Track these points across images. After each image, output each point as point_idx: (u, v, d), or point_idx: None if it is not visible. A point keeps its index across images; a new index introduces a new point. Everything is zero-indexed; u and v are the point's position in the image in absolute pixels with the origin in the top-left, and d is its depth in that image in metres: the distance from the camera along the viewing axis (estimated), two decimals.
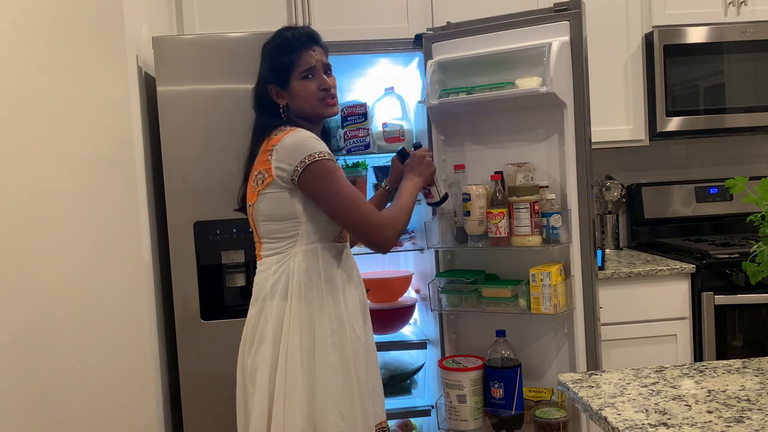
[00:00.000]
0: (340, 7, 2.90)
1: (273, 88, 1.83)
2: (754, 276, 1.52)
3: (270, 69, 1.83)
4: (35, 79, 2.14)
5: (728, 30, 3.00)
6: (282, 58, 1.81)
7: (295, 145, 1.71)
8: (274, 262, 1.77)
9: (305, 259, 1.75)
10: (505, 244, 2.31)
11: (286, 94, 1.82)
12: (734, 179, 1.52)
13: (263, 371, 1.73)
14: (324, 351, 1.73)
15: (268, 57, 1.84)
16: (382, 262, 3.05)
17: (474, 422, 2.36)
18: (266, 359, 1.73)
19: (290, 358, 1.71)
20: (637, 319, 2.77)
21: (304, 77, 1.81)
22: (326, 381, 1.72)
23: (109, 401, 2.20)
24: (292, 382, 1.70)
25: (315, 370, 1.71)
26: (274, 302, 1.75)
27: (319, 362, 1.72)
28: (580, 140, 2.27)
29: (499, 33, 2.34)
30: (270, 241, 1.79)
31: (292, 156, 1.70)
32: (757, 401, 1.24)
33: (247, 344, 1.79)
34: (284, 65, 1.80)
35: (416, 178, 2.01)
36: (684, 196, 3.34)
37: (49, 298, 2.16)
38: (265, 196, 1.75)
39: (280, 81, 1.82)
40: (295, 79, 1.81)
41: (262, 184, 1.75)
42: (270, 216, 1.77)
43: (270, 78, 1.83)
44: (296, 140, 1.72)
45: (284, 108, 1.83)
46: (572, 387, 1.40)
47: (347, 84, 2.90)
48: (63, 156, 2.16)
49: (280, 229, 1.77)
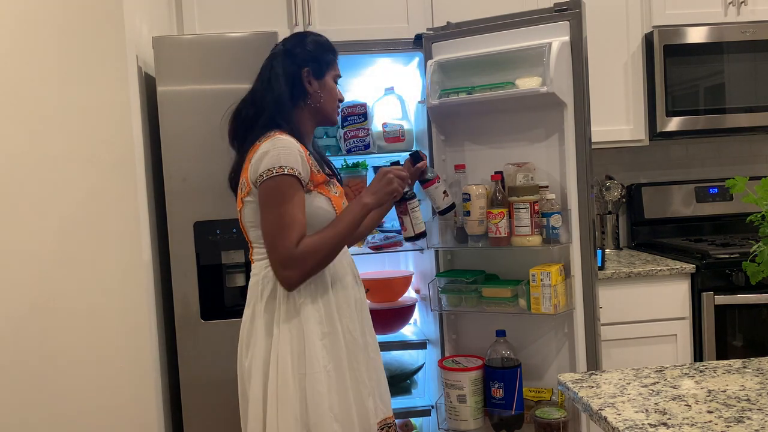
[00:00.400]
0: (340, 7, 2.90)
1: (308, 72, 1.81)
2: (754, 276, 1.52)
3: (312, 55, 1.83)
4: (35, 79, 2.14)
5: (728, 30, 3.00)
6: (327, 52, 1.85)
7: (262, 156, 1.67)
8: (262, 266, 1.76)
9: None
10: (505, 244, 2.31)
11: (317, 84, 1.83)
12: (734, 179, 1.52)
13: (256, 376, 1.73)
14: (315, 355, 1.70)
15: (312, 45, 1.84)
16: (382, 262, 3.05)
17: (474, 422, 2.36)
18: (258, 364, 1.72)
19: (281, 364, 1.69)
20: (637, 319, 2.77)
21: (336, 80, 1.88)
22: (319, 385, 1.69)
23: (109, 401, 2.20)
24: (284, 387, 1.68)
25: (306, 374, 1.69)
26: (264, 306, 1.74)
27: (311, 366, 1.70)
28: (580, 140, 2.27)
29: (499, 33, 2.34)
30: (259, 245, 1.77)
31: (257, 167, 1.68)
32: (757, 401, 1.24)
33: (243, 347, 1.79)
34: (327, 60, 1.85)
35: (367, 199, 1.76)
36: (684, 196, 3.34)
37: (49, 298, 2.16)
38: (247, 203, 1.74)
39: (316, 70, 1.83)
40: (329, 76, 1.85)
41: (243, 191, 1.75)
42: (254, 222, 1.75)
43: (309, 62, 1.82)
44: (266, 150, 1.68)
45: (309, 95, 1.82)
46: (572, 387, 1.40)
47: (347, 84, 2.90)
48: (63, 156, 2.16)
49: None
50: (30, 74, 2.14)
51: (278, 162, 1.66)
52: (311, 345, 1.71)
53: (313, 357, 1.70)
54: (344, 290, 1.81)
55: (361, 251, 2.72)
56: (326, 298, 1.76)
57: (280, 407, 1.68)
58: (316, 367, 1.70)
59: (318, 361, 1.70)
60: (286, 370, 1.69)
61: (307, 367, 1.70)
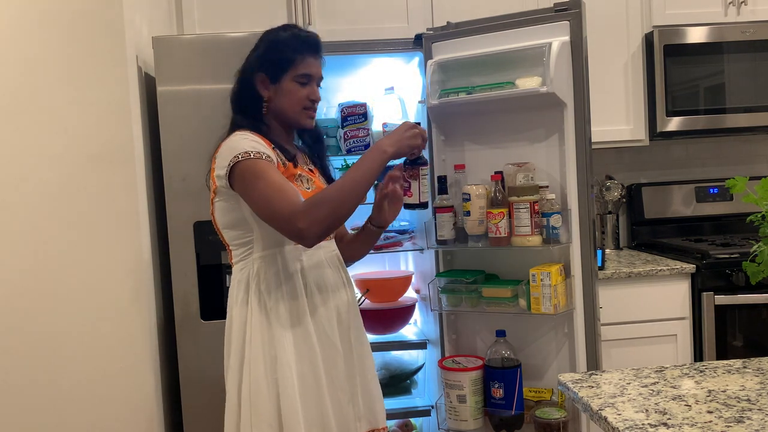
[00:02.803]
0: (340, 7, 2.90)
1: (261, 77, 1.74)
2: (754, 276, 1.52)
3: (266, 57, 1.74)
4: (35, 79, 2.14)
5: (728, 30, 3.00)
6: (285, 52, 1.73)
7: (226, 148, 1.64)
8: (238, 269, 1.73)
9: (263, 265, 1.69)
10: (505, 244, 2.31)
11: (273, 88, 1.74)
12: (734, 179, 1.52)
13: (231, 381, 1.70)
14: (287, 360, 1.65)
15: (268, 45, 1.76)
16: (382, 262, 3.05)
17: (474, 422, 2.36)
18: (234, 369, 1.69)
19: (253, 369, 1.66)
20: (637, 319, 2.77)
21: (300, 81, 1.73)
22: (291, 390, 1.64)
23: (108, 401, 2.20)
24: (257, 392, 1.64)
25: (279, 379, 1.64)
26: (237, 311, 1.71)
27: (282, 371, 1.65)
28: (580, 140, 2.27)
29: (499, 33, 2.34)
30: (233, 248, 1.74)
31: (224, 160, 1.63)
32: (757, 401, 1.24)
33: (225, 350, 1.76)
34: (284, 60, 1.72)
35: (387, 147, 1.66)
36: (684, 196, 3.34)
37: (49, 298, 2.16)
38: (216, 204, 1.71)
39: (272, 73, 1.73)
40: (288, 78, 1.73)
41: (211, 192, 1.71)
42: (224, 224, 1.72)
43: (262, 66, 1.74)
44: (228, 143, 1.65)
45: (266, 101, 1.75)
46: (572, 387, 1.40)
47: (347, 84, 2.90)
48: (63, 155, 2.16)
49: (236, 236, 1.72)
50: (30, 74, 2.14)
51: (243, 148, 1.61)
52: (283, 350, 1.66)
53: (285, 362, 1.65)
54: (322, 293, 1.74)
55: None
56: (298, 303, 1.70)
57: (254, 413, 1.64)
58: (287, 372, 1.65)
59: (290, 366, 1.65)
60: (258, 375, 1.65)
61: (279, 371, 1.65)
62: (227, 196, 1.68)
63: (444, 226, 2.37)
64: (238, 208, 1.68)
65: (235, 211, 1.69)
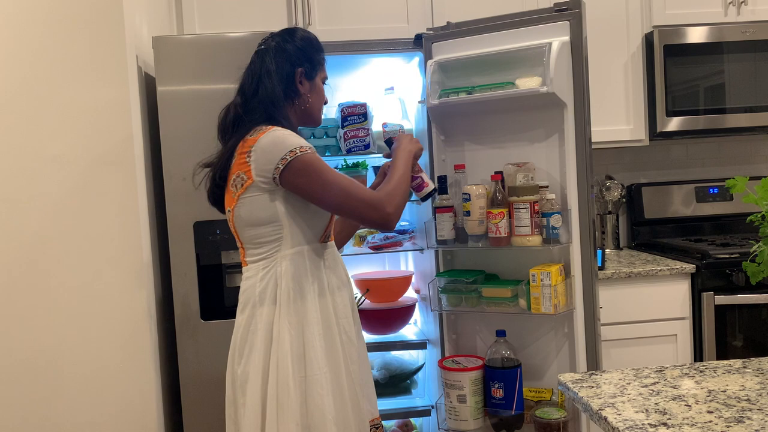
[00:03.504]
0: (340, 7, 2.90)
1: (301, 72, 1.78)
2: (754, 276, 1.52)
3: (306, 55, 1.80)
4: (35, 79, 2.14)
5: (728, 30, 3.00)
6: (319, 52, 1.83)
7: (273, 143, 1.65)
8: (260, 267, 1.72)
9: (292, 263, 1.70)
10: (505, 244, 2.31)
11: (308, 85, 1.80)
12: (734, 179, 1.52)
13: (254, 381, 1.69)
14: (315, 357, 1.68)
15: (305, 43, 1.80)
16: (381, 262, 3.05)
17: (474, 422, 2.36)
18: (257, 369, 1.68)
19: (281, 368, 1.66)
20: (637, 319, 2.77)
21: (324, 82, 1.86)
22: (319, 387, 1.67)
23: (108, 401, 2.20)
24: (285, 391, 1.65)
25: (306, 377, 1.67)
26: (263, 310, 1.70)
27: (310, 369, 1.67)
28: (580, 140, 2.27)
29: (499, 33, 2.34)
30: (254, 246, 1.74)
31: (271, 155, 1.64)
32: (757, 401, 1.24)
33: (237, 353, 1.74)
34: (318, 60, 1.83)
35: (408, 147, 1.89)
36: (684, 196, 3.34)
37: (49, 298, 2.16)
38: (245, 200, 1.69)
39: (309, 70, 1.80)
40: (318, 78, 1.83)
41: (241, 188, 1.69)
42: (251, 221, 1.71)
43: (303, 61, 1.79)
44: (274, 138, 1.66)
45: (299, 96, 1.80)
46: (572, 387, 1.40)
47: (347, 84, 2.90)
48: (63, 156, 2.16)
49: (263, 234, 1.71)
50: (30, 74, 2.14)
51: (294, 144, 1.65)
52: (311, 347, 1.68)
53: (313, 359, 1.68)
54: (340, 290, 1.79)
55: (361, 251, 2.72)
56: (326, 299, 1.74)
57: (280, 412, 1.65)
58: (316, 369, 1.68)
59: (318, 363, 1.68)
60: (286, 374, 1.66)
61: (307, 369, 1.67)
62: (264, 191, 1.67)
63: (444, 226, 2.38)
64: (271, 204, 1.68)
65: (269, 207, 1.69)
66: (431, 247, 2.49)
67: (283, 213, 1.69)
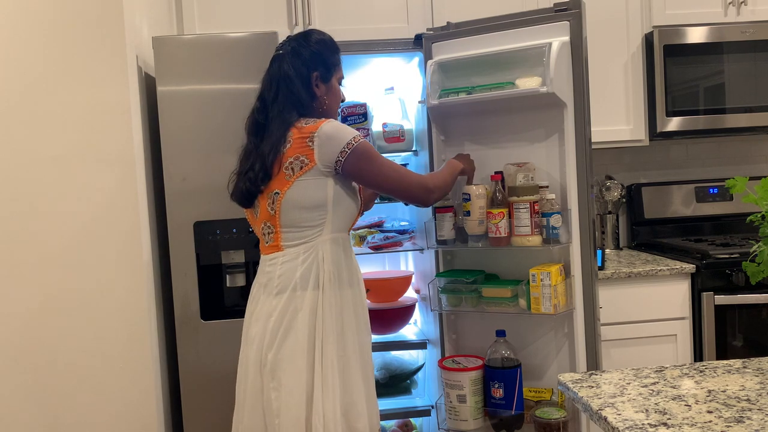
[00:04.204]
0: (340, 7, 2.90)
1: (317, 76, 1.86)
2: (754, 276, 1.52)
3: (321, 58, 1.86)
4: (35, 79, 2.14)
5: (728, 30, 3.00)
6: (334, 54, 1.90)
7: (336, 130, 1.77)
8: (301, 251, 1.78)
9: (333, 248, 1.79)
10: (505, 244, 2.31)
11: (324, 87, 1.87)
12: (734, 179, 1.52)
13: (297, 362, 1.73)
14: (352, 336, 1.79)
15: (320, 46, 1.87)
16: (381, 262, 3.05)
17: (474, 422, 2.36)
18: (301, 350, 1.73)
19: (326, 345, 1.74)
20: (637, 319, 2.77)
21: (340, 83, 1.94)
22: (354, 366, 1.78)
23: (108, 401, 2.20)
24: (329, 368, 1.73)
25: (345, 355, 1.77)
26: (306, 293, 1.76)
27: (348, 347, 1.77)
28: (580, 140, 2.27)
29: (499, 33, 2.34)
30: (296, 230, 1.78)
31: (336, 140, 1.75)
32: (757, 401, 1.24)
33: (269, 337, 1.75)
34: (333, 61, 1.90)
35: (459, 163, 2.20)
36: (684, 196, 3.34)
37: (49, 298, 2.16)
38: (303, 182, 1.75)
39: (324, 72, 1.87)
40: (334, 78, 1.92)
41: (299, 170, 1.75)
42: (303, 203, 1.77)
43: (317, 66, 1.86)
44: (337, 127, 1.78)
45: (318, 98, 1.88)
46: (572, 387, 1.40)
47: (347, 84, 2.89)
48: (63, 156, 2.16)
49: (309, 218, 1.78)
50: (30, 74, 2.14)
51: (353, 132, 1.79)
52: (349, 326, 1.79)
53: (350, 338, 1.78)
54: (360, 283, 1.89)
55: (361, 251, 2.72)
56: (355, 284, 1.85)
57: (325, 389, 1.72)
58: (352, 348, 1.78)
59: (354, 340, 1.79)
60: (330, 352, 1.74)
61: (347, 347, 1.77)
62: (323, 175, 1.76)
63: (444, 226, 2.38)
64: (324, 189, 1.77)
65: (322, 192, 1.77)
66: (431, 247, 2.50)
67: (331, 199, 1.78)
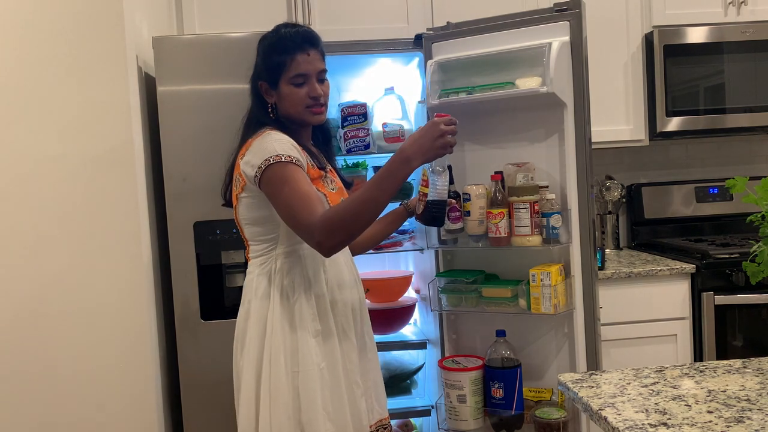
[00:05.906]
0: (340, 7, 2.90)
1: (263, 85, 1.78)
2: (754, 276, 1.52)
3: (262, 66, 1.78)
4: (35, 79, 2.14)
5: (728, 30, 3.00)
6: (274, 57, 1.74)
7: (258, 147, 1.67)
8: (258, 264, 1.76)
9: (286, 261, 1.73)
10: (505, 244, 2.31)
11: (275, 94, 1.77)
12: (734, 179, 1.52)
13: (248, 373, 1.72)
14: (308, 352, 1.69)
15: (262, 52, 1.80)
16: (381, 262, 3.05)
17: (474, 422, 2.36)
18: (251, 361, 1.72)
19: (274, 361, 1.69)
20: (637, 319, 2.77)
21: (295, 83, 1.74)
22: (312, 383, 1.68)
23: (109, 401, 2.20)
24: (277, 384, 1.68)
25: (299, 372, 1.69)
26: (257, 304, 1.74)
27: (303, 364, 1.69)
28: (580, 140, 2.27)
29: (499, 33, 2.34)
30: (255, 243, 1.77)
31: (255, 159, 1.66)
32: (757, 401, 1.24)
33: (238, 345, 1.79)
34: (275, 65, 1.74)
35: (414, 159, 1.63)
36: (684, 196, 3.34)
37: (49, 298, 2.16)
38: (243, 199, 1.74)
39: (270, 80, 1.77)
40: (284, 82, 1.74)
41: (239, 188, 1.73)
42: (249, 219, 1.75)
43: (261, 74, 1.79)
44: (260, 143, 1.68)
45: (272, 106, 1.79)
46: (572, 387, 1.40)
47: (347, 84, 2.90)
48: (63, 156, 2.16)
49: (260, 232, 1.75)
50: (30, 74, 2.14)
51: (274, 151, 1.65)
52: (304, 342, 1.70)
53: (307, 354, 1.70)
54: (341, 290, 1.80)
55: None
56: (321, 297, 1.75)
57: (273, 405, 1.68)
58: (309, 364, 1.69)
59: (311, 358, 1.70)
60: (279, 368, 1.69)
61: (300, 364, 1.69)
62: (255, 193, 1.71)
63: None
64: (266, 205, 1.71)
65: (262, 208, 1.72)
66: (431, 247, 2.49)
67: (276, 213, 1.70)
